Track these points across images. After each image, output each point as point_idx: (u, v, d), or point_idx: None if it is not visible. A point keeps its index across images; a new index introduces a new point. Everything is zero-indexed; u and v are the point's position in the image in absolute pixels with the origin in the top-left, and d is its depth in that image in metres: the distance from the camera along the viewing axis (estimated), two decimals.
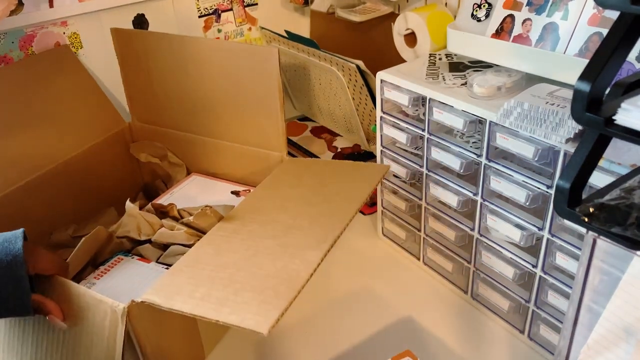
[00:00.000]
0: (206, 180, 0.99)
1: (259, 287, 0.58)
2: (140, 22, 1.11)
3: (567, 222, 0.63)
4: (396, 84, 0.79)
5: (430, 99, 0.74)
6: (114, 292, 0.74)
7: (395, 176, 0.89)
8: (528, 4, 0.71)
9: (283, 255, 0.63)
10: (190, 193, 0.95)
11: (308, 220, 0.68)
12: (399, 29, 0.96)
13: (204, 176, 1.00)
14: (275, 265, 0.61)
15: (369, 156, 1.14)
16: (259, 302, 0.56)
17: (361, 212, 1.05)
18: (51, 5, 0.98)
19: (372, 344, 0.77)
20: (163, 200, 0.92)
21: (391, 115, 0.84)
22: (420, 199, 0.85)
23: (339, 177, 0.78)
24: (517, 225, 0.70)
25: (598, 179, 0.56)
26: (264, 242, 0.66)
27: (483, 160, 0.71)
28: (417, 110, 0.80)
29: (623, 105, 0.37)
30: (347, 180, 0.77)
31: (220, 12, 1.22)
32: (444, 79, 0.76)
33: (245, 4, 1.26)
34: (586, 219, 0.40)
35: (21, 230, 0.60)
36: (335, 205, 0.71)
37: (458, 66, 0.80)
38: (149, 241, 0.82)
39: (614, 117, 0.37)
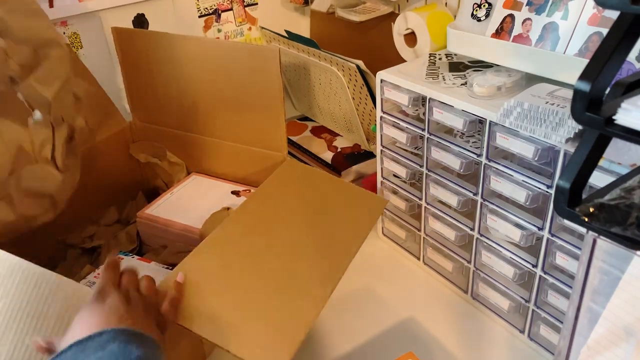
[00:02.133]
0: (206, 180, 0.99)
1: (265, 320, 0.59)
2: (140, 22, 1.11)
3: (567, 222, 0.63)
4: (396, 84, 0.79)
5: (430, 99, 0.74)
6: None
7: (395, 176, 0.89)
8: (528, 3, 0.71)
9: (289, 287, 0.63)
10: (190, 193, 0.95)
11: (312, 247, 0.69)
12: (399, 28, 0.96)
13: (204, 176, 1.00)
14: (282, 297, 0.62)
15: (369, 156, 1.14)
16: (267, 336, 0.57)
17: None
18: (51, 5, 0.98)
19: (373, 345, 0.77)
20: (163, 200, 0.92)
21: (391, 115, 0.84)
22: (420, 199, 0.85)
23: (340, 201, 0.79)
24: (517, 225, 0.70)
25: (598, 179, 0.56)
26: (269, 264, 0.66)
27: (483, 160, 0.71)
28: (417, 110, 0.80)
29: (623, 105, 0.37)
30: (348, 207, 0.78)
31: (220, 12, 1.22)
32: (444, 79, 0.76)
33: (245, 3, 1.26)
34: (586, 219, 0.40)
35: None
36: (338, 237, 0.71)
37: (458, 66, 0.80)
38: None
39: (614, 117, 0.37)
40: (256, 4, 1.27)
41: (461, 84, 0.74)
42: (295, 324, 0.58)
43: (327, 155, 1.17)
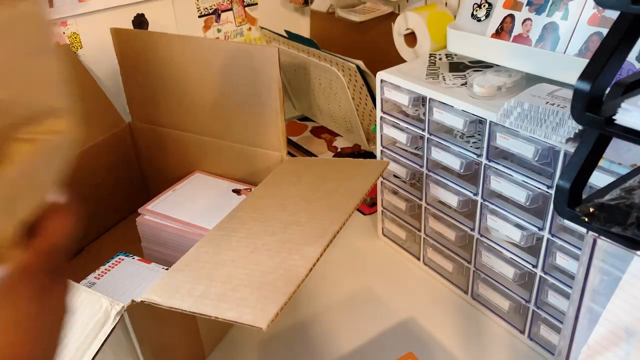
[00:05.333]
0: (209, 178, 0.99)
1: (257, 283, 0.58)
2: (139, 22, 1.11)
3: (567, 222, 0.63)
4: (396, 84, 0.79)
5: (430, 99, 0.74)
6: (114, 292, 0.74)
7: (396, 176, 0.89)
8: (528, 3, 0.71)
9: (281, 251, 0.63)
10: (191, 191, 0.95)
11: (307, 216, 0.69)
12: (399, 28, 0.96)
13: (206, 174, 1.00)
14: (274, 261, 0.61)
15: (369, 156, 1.14)
16: (257, 297, 0.56)
17: (361, 212, 1.05)
18: (51, 5, 0.98)
19: (374, 346, 0.77)
20: (165, 196, 0.92)
21: (391, 115, 0.84)
22: (421, 199, 0.84)
23: (338, 174, 0.78)
24: (517, 225, 0.69)
25: (598, 179, 0.56)
26: (262, 239, 0.66)
27: (483, 160, 0.71)
28: (417, 110, 0.80)
29: (623, 105, 0.37)
30: (346, 176, 0.77)
31: (220, 12, 1.22)
32: (444, 79, 0.76)
33: (245, 3, 1.25)
34: (586, 219, 0.40)
35: None
36: (334, 201, 0.71)
37: (458, 66, 0.80)
38: None
39: (614, 117, 0.37)
40: (256, 4, 1.27)
41: (461, 84, 0.74)
42: (286, 280, 0.58)
43: (327, 156, 1.17)
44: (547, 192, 0.64)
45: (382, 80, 0.82)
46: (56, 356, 0.31)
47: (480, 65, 0.78)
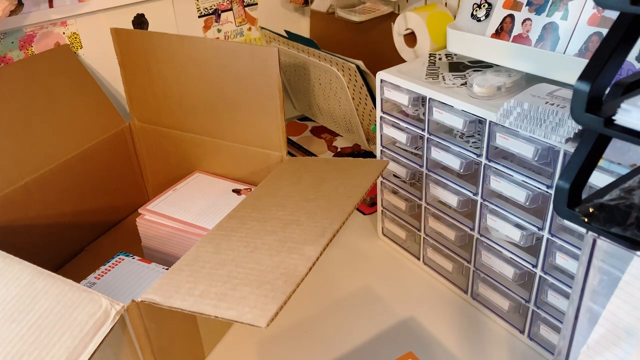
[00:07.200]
0: (209, 178, 0.99)
1: (257, 282, 0.58)
2: (140, 22, 1.11)
3: (566, 222, 0.63)
4: (396, 84, 0.79)
5: (430, 99, 0.74)
6: (114, 292, 0.74)
7: (395, 176, 0.89)
8: (528, 3, 0.71)
9: (281, 250, 0.63)
10: (191, 191, 0.95)
11: (306, 216, 0.69)
12: (398, 28, 0.96)
13: (207, 174, 1.00)
14: (274, 260, 0.61)
15: (369, 156, 1.14)
16: (257, 296, 0.56)
17: (361, 212, 1.05)
18: (51, 6, 0.98)
19: (373, 345, 0.77)
20: (165, 196, 0.92)
21: (391, 115, 0.84)
22: (420, 199, 0.85)
23: (338, 173, 0.79)
24: (517, 225, 0.70)
25: (598, 179, 0.56)
26: (262, 238, 0.66)
27: (483, 160, 0.71)
28: (417, 110, 0.80)
29: (623, 105, 0.37)
30: (346, 176, 0.77)
31: (220, 12, 1.22)
32: (443, 79, 0.76)
33: (245, 3, 1.26)
34: (586, 219, 0.40)
35: None
36: (333, 201, 0.71)
37: (458, 66, 0.80)
38: None
39: (613, 117, 0.37)
40: (256, 4, 1.27)
41: (461, 84, 0.74)
42: (286, 279, 0.58)
43: (327, 156, 1.17)
44: (547, 192, 0.64)
45: (382, 80, 0.82)
46: None
47: (480, 65, 0.79)
